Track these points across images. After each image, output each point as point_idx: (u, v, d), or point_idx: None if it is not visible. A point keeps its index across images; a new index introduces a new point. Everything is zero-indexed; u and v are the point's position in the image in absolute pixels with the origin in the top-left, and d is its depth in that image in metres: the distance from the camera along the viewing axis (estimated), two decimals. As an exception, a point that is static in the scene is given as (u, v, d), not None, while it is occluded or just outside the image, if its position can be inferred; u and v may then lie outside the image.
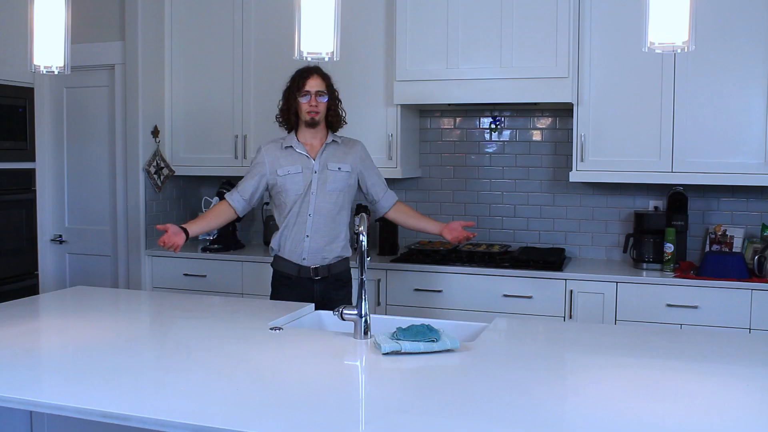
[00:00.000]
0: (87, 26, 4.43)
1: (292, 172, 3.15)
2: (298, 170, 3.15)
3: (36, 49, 2.61)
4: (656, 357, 2.25)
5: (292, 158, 3.17)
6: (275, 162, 3.17)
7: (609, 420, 1.67)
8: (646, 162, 3.82)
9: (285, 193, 3.16)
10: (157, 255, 4.51)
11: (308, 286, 3.17)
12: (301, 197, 3.15)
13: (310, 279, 3.18)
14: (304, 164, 3.16)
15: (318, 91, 3.15)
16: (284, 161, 3.16)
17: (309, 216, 3.16)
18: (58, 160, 4.75)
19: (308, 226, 3.16)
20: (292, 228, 3.17)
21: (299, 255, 3.17)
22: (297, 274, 3.18)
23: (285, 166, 3.16)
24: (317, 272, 3.18)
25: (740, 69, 3.65)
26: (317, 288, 3.18)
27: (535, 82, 3.83)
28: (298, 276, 3.18)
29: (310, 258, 3.17)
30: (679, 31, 2.18)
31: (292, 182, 3.15)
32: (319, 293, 3.17)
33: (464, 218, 4.47)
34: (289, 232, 3.17)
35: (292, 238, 3.17)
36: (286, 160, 3.17)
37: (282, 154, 3.18)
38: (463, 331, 2.54)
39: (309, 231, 3.16)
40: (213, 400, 1.77)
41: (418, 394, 1.87)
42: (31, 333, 2.48)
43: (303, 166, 3.16)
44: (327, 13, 2.33)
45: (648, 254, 3.87)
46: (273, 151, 3.19)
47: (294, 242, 3.17)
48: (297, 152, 3.17)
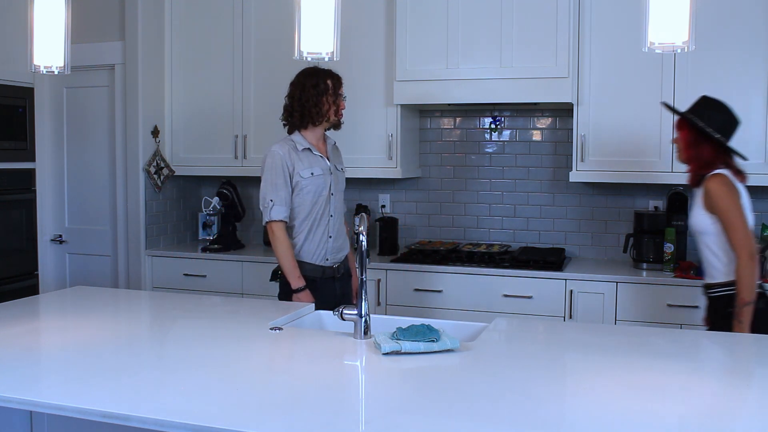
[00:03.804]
0: (87, 26, 4.43)
1: (316, 173, 3.13)
2: (319, 172, 3.14)
3: (36, 49, 2.61)
4: (656, 357, 2.24)
5: (309, 160, 3.14)
6: (296, 164, 3.11)
7: (609, 420, 1.67)
8: (646, 162, 3.82)
9: (309, 195, 3.12)
10: (157, 255, 4.51)
11: (331, 286, 3.20)
12: (324, 199, 3.16)
13: (333, 278, 3.21)
14: (322, 166, 3.16)
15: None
16: (303, 163, 3.12)
17: (330, 217, 3.18)
18: (58, 160, 4.75)
19: (330, 226, 3.18)
20: (316, 230, 3.16)
21: (322, 256, 3.18)
22: (322, 275, 3.18)
23: (307, 168, 3.12)
24: (338, 270, 3.22)
25: (740, 69, 3.65)
26: (338, 286, 3.23)
27: (535, 82, 3.84)
28: (323, 277, 3.18)
29: (332, 258, 3.20)
30: (679, 31, 2.18)
31: (315, 184, 3.13)
32: (340, 290, 3.23)
33: (464, 218, 4.48)
34: (313, 235, 3.16)
35: (316, 241, 3.16)
36: (304, 162, 3.12)
37: (299, 156, 3.12)
38: (463, 331, 2.54)
39: (332, 231, 3.18)
40: (213, 400, 1.77)
41: (418, 394, 1.87)
42: (31, 333, 2.48)
43: (322, 167, 3.16)
44: (327, 13, 2.33)
45: (648, 254, 3.88)
46: (290, 153, 3.12)
47: (318, 244, 3.17)
48: (314, 154, 3.16)
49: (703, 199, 2.79)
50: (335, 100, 3.14)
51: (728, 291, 2.74)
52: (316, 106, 3.12)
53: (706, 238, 2.80)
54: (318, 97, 3.11)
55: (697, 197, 2.85)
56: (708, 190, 2.76)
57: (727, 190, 2.74)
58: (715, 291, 2.81)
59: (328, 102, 3.13)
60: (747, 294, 2.65)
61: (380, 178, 4.34)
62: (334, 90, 3.14)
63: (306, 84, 3.13)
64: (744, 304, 2.65)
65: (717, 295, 2.79)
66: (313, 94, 3.11)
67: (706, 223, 2.79)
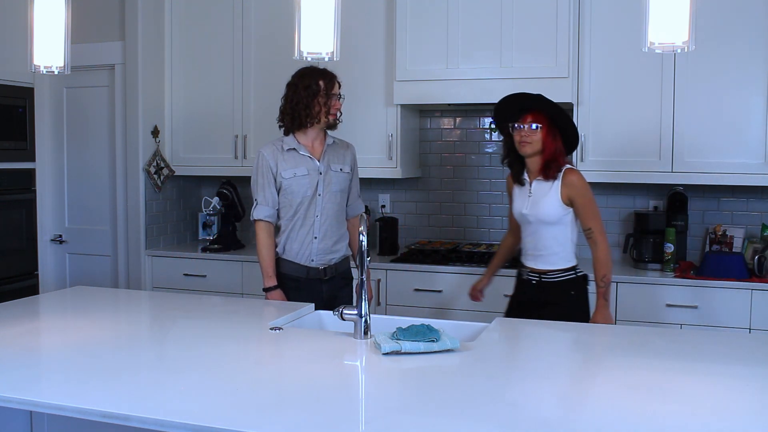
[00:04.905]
0: (87, 26, 4.43)
1: (299, 174, 3.13)
2: (304, 172, 3.13)
3: (36, 49, 2.61)
4: (656, 357, 2.24)
5: (295, 160, 3.14)
6: (279, 164, 3.14)
7: (609, 420, 1.67)
8: (646, 162, 3.82)
9: (292, 195, 3.14)
10: (157, 255, 4.51)
11: (317, 287, 3.17)
12: (308, 199, 3.14)
13: (320, 280, 3.18)
14: (309, 166, 3.15)
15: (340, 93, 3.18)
16: (287, 163, 3.13)
17: (316, 217, 3.15)
18: (58, 160, 4.75)
19: (316, 227, 3.16)
20: (299, 230, 3.16)
21: (307, 257, 3.17)
22: (306, 276, 3.17)
23: (289, 169, 3.13)
24: (326, 273, 3.19)
25: (740, 69, 3.65)
26: (325, 288, 3.19)
27: (535, 82, 3.83)
28: (306, 278, 3.17)
29: (318, 259, 3.18)
30: (679, 31, 2.18)
31: (299, 185, 3.13)
32: (327, 293, 3.18)
33: (464, 218, 4.48)
34: (296, 235, 3.16)
35: (299, 240, 3.16)
36: (288, 162, 3.13)
37: (284, 156, 3.14)
38: (463, 331, 2.54)
39: (317, 233, 3.16)
40: (213, 400, 1.77)
41: (418, 394, 1.87)
42: (31, 333, 2.48)
43: (308, 168, 3.14)
44: (327, 13, 2.33)
45: (648, 254, 3.87)
46: (274, 153, 3.14)
47: (302, 244, 3.16)
48: (301, 154, 3.15)
49: (561, 191, 2.93)
50: (327, 101, 3.11)
51: (569, 275, 2.99)
52: (306, 109, 3.10)
53: (555, 228, 2.96)
54: (309, 99, 3.10)
55: (548, 189, 2.96)
56: (572, 183, 2.93)
57: (587, 183, 2.98)
58: (558, 276, 2.99)
59: (320, 103, 3.10)
60: (610, 274, 2.97)
61: (380, 178, 4.34)
62: (327, 91, 3.11)
63: (298, 85, 3.12)
64: (609, 282, 2.96)
65: (561, 280, 2.98)
66: (304, 96, 3.10)
67: (560, 213, 2.95)
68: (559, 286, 2.99)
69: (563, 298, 2.98)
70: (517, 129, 2.99)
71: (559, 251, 2.98)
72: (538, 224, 2.98)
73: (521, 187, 3.07)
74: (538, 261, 3.02)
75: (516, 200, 3.09)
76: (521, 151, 3.00)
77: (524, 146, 2.97)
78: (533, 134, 2.96)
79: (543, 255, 3.00)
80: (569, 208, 2.96)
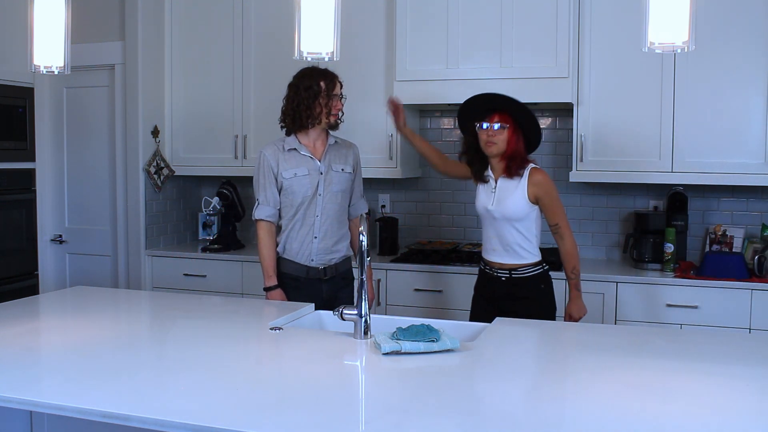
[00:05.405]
0: (87, 26, 4.43)
1: (299, 174, 3.13)
2: (304, 172, 3.13)
3: (36, 49, 2.61)
4: (656, 357, 2.24)
5: (296, 160, 3.14)
6: (280, 164, 3.14)
7: (609, 420, 1.67)
8: (646, 162, 3.82)
9: (292, 195, 3.14)
10: (157, 255, 4.51)
11: (317, 287, 3.17)
12: (308, 199, 3.14)
13: (319, 280, 3.18)
14: (309, 166, 3.15)
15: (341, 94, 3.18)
16: (288, 163, 3.13)
17: (316, 217, 3.16)
18: (58, 160, 4.75)
19: (316, 227, 3.16)
20: (299, 230, 3.16)
21: (307, 256, 3.17)
22: (306, 275, 3.17)
23: (290, 169, 3.13)
24: (326, 272, 3.19)
25: (740, 69, 3.65)
26: (325, 288, 3.19)
27: (535, 82, 3.83)
28: (306, 277, 3.17)
29: (318, 259, 3.18)
30: (679, 31, 2.18)
31: (299, 185, 3.13)
32: (327, 293, 3.18)
33: (464, 218, 4.48)
34: (296, 234, 3.17)
35: (299, 240, 3.16)
36: (289, 162, 3.13)
37: (285, 156, 3.14)
38: (463, 331, 2.54)
39: (317, 232, 3.16)
40: (213, 400, 1.77)
41: (418, 394, 1.87)
42: (31, 333, 2.48)
43: (309, 168, 3.14)
44: (327, 13, 2.33)
45: (648, 254, 3.87)
46: (275, 153, 3.15)
47: (302, 244, 3.17)
48: (301, 154, 3.15)
49: (527, 189, 2.99)
50: (328, 102, 3.11)
51: (538, 270, 3.07)
52: (307, 109, 3.10)
53: (520, 224, 3.03)
54: (310, 100, 3.09)
55: (514, 188, 3.00)
56: (539, 183, 3.00)
57: (552, 181, 3.06)
58: (528, 271, 3.05)
59: (321, 104, 3.10)
60: (579, 265, 3.10)
61: (380, 178, 4.34)
62: (328, 91, 3.10)
63: (299, 86, 3.12)
64: (579, 273, 3.09)
65: (531, 275, 3.05)
66: (305, 96, 3.10)
67: (526, 210, 3.01)
68: (530, 280, 3.05)
69: (534, 293, 3.05)
70: (484, 128, 3.01)
71: (527, 246, 3.04)
72: (504, 221, 3.03)
73: (485, 184, 3.11)
74: (505, 256, 3.06)
75: (480, 196, 3.13)
76: (487, 151, 3.03)
77: (490, 146, 3.01)
78: (499, 134, 2.99)
79: (510, 251, 3.05)
80: (535, 205, 3.02)
